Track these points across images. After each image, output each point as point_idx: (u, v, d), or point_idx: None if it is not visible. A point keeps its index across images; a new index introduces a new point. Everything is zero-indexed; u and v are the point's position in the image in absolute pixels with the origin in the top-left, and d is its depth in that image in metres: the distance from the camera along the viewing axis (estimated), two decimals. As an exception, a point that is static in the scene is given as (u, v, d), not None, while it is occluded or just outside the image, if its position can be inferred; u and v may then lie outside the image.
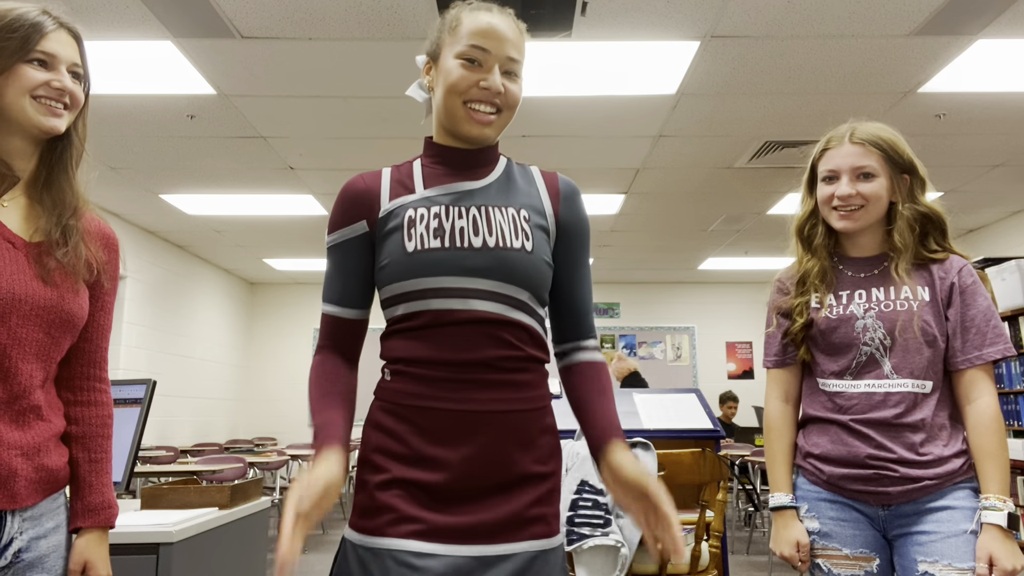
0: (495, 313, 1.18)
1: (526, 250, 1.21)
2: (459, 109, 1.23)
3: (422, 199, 1.24)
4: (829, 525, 1.55)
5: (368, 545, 1.14)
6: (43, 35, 1.22)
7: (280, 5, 3.35)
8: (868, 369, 1.54)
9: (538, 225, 1.26)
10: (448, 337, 1.17)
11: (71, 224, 1.26)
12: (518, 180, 1.31)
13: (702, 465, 2.27)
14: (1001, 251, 6.69)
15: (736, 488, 6.43)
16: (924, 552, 1.45)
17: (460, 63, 1.22)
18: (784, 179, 5.77)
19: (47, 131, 1.23)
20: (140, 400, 2.10)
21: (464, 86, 1.21)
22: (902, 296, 1.55)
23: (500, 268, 1.19)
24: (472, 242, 1.20)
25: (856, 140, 1.57)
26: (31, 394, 1.21)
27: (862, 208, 1.56)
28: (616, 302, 9.91)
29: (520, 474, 1.18)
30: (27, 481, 1.19)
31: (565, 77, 4.05)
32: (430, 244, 1.19)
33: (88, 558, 1.27)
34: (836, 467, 1.54)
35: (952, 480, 1.48)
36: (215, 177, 5.66)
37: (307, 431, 9.45)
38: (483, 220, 1.22)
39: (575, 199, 1.32)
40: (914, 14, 3.45)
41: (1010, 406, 5.82)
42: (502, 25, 1.23)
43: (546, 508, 1.20)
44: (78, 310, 1.26)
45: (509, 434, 1.18)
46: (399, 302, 1.20)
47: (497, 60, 1.23)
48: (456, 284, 1.18)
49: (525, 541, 1.16)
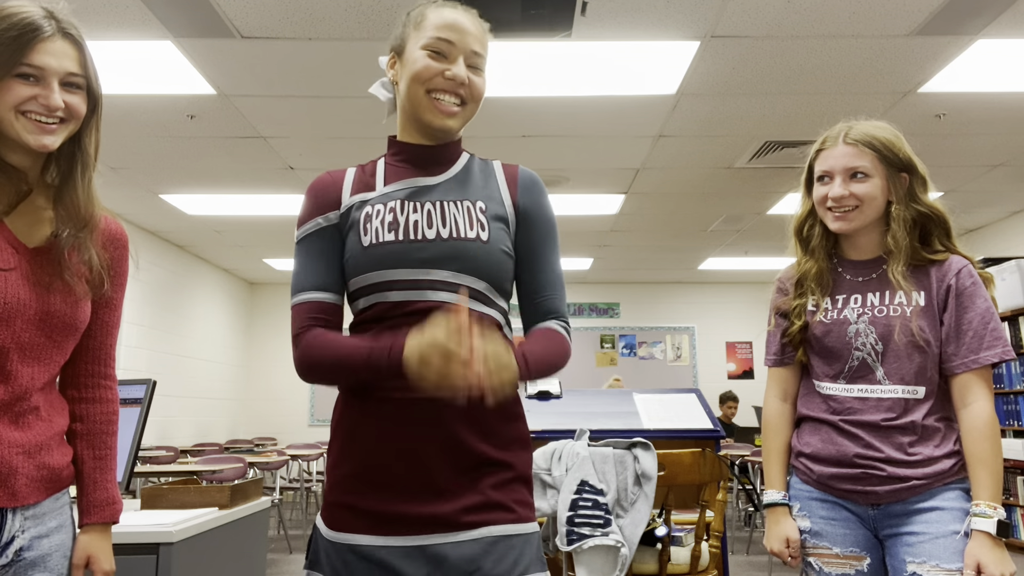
0: (451, 303, 1.19)
1: (481, 240, 1.23)
2: (423, 99, 1.24)
3: (380, 195, 1.26)
4: (820, 524, 1.56)
5: (330, 539, 1.18)
6: (33, 46, 1.15)
7: (280, 5, 3.35)
8: (861, 374, 1.55)
9: (495, 215, 1.27)
10: (407, 328, 1.16)
11: (82, 236, 1.24)
12: (476, 174, 1.32)
13: (702, 465, 2.27)
14: (1001, 251, 6.69)
15: (736, 488, 6.43)
16: (913, 553, 1.45)
17: (426, 54, 1.24)
18: (784, 179, 5.77)
19: (36, 149, 1.19)
20: (140, 400, 2.11)
21: (428, 75, 1.23)
22: (896, 301, 1.54)
23: (454, 258, 1.21)
24: (426, 234, 1.22)
25: (850, 140, 1.56)
26: (32, 396, 1.21)
27: (856, 209, 1.55)
28: (616, 302, 9.91)
29: (478, 460, 1.19)
30: (28, 479, 1.19)
31: (565, 77, 4.05)
32: (384, 237, 1.21)
33: (92, 552, 1.28)
34: (825, 466, 1.55)
35: (942, 480, 1.47)
36: (215, 177, 5.66)
37: (307, 431, 9.45)
38: (437, 213, 1.24)
39: (534, 188, 1.33)
40: (914, 14, 3.45)
41: (1010, 406, 5.82)
42: (466, 20, 1.26)
43: (508, 495, 1.20)
44: (80, 316, 1.26)
45: (467, 422, 1.18)
46: (360, 296, 1.23)
47: (462, 52, 1.25)
48: (412, 276, 1.20)
49: (484, 527, 1.16)
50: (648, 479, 2.23)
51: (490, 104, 4.39)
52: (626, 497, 2.24)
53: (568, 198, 6.23)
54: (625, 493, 2.24)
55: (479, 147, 5.08)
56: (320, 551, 1.21)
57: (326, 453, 1.26)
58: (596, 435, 2.46)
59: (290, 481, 6.59)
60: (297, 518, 7.29)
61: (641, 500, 2.24)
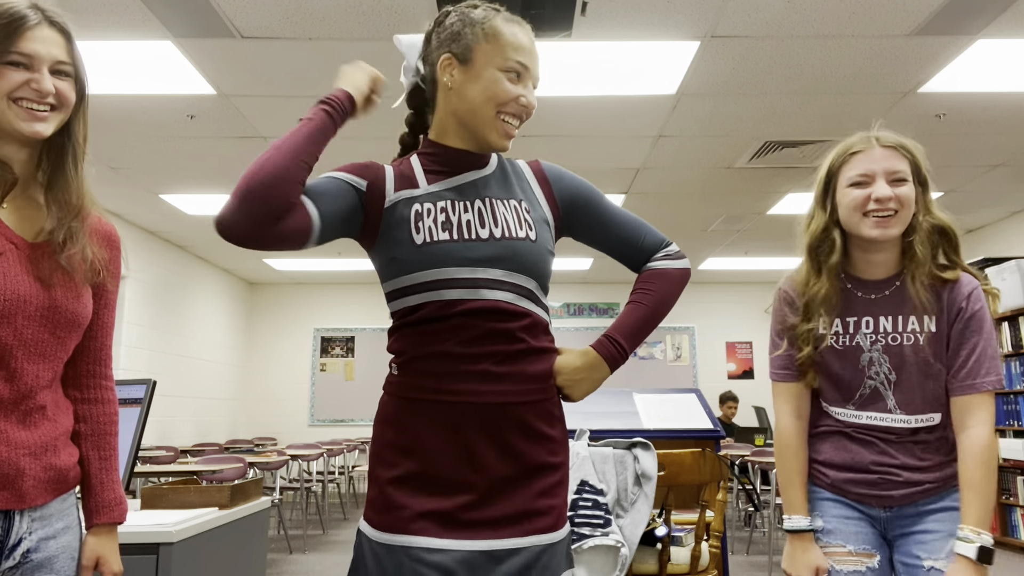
0: (505, 302, 1.21)
1: (531, 239, 1.26)
2: (492, 118, 1.26)
3: (427, 194, 1.26)
4: (833, 522, 1.56)
5: (382, 541, 1.16)
6: (21, 34, 1.16)
7: (280, 5, 3.35)
8: (871, 401, 1.53)
9: (539, 216, 1.30)
10: (457, 328, 1.19)
11: (75, 226, 1.24)
12: (511, 174, 1.34)
13: (702, 465, 2.27)
14: (1001, 251, 6.69)
15: (736, 488, 6.43)
16: (928, 550, 1.46)
17: (505, 76, 1.25)
18: (784, 179, 5.77)
19: (29, 136, 1.19)
20: (140, 400, 2.10)
21: (506, 99, 1.25)
22: (909, 328, 1.51)
23: (508, 257, 1.23)
24: (479, 233, 1.23)
25: (887, 144, 1.52)
26: (37, 394, 1.20)
27: (897, 214, 1.48)
28: (616, 302, 9.91)
29: (528, 466, 1.20)
30: (35, 480, 1.18)
31: (565, 77, 4.05)
32: (439, 236, 1.21)
33: (101, 553, 1.28)
34: (840, 471, 1.55)
35: (951, 483, 1.50)
36: (215, 177, 5.66)
37: (307, 431, 9.45)
38: (488, 212, 1.26)
39: (563, 175, 1.37)
40: (914, 14, 3.45)
41: (1010, 406, 5.82)
42: (533, 42, 1.30)
43: (553, 500, 1.22)
44: (82, 310, 1.26)
45: (517, 426, 1.20)
46: (409, 293, 1.22)
47: (532, 78, 1.29)
48: (465, 274, 1.20)
49: (533, 535, 1.18)
50: (648, 479, 2.23)
51: (490, 104, 4.39)
52: (626, 497, 2.24)
53: (568, 198, 6.23)
54: (625, 493, 2.24)
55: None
56: (366, 555, 1.18)
57: (370, 456, 1.26)
58: (596, 435, 2.46)
59: (290, 481, 6.58)
60: (297, 518, 7.29)
61: (641, 500, 2.23)
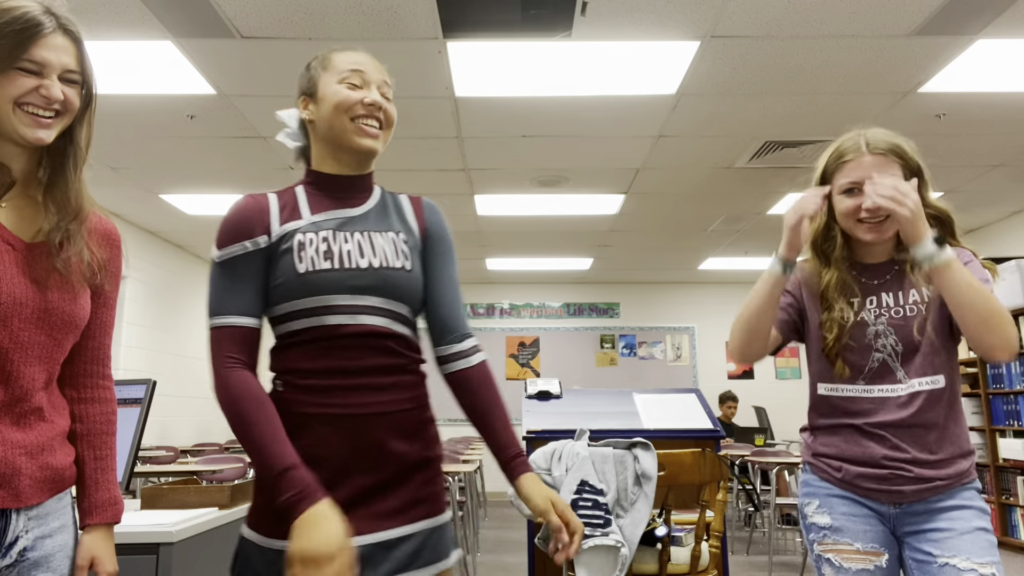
0: (381, 327, 1.31)
1: (406, 269, 1.35)
2: (348, 125, 1.35)
3: (310, 224, 1.34)
4: (841, 520, 1.57)
5: (275, 547, 1.22)
6: (35, 42, 1.17)
7: (280, 5, 3.35)
8: (881, 374, 1.56)
9: (414, 244, 1.40)
10: (341, 349, 1.28)
11: (72, 228, 1.24)
12: (391, 207, 1.43)
13: (702, 465, 2.27)
14: (1001, 251, 6.70)
15: (736, 488, 6.43)
16: (941, 547, 1.48)
17: (344, 86, 1.36)
18: (784, 179, 5.77)
19: (31, 142, 1.19)
20: (140, 400, 2.10)
21: (350, 103, 1.34)
22: (911, 300, 1.56)
23: (384, 287, 1.32)
24: (359, 263, 1.31)
25: (876, 150, 1.56)
26: (33, 396, 1.20)
27: (888, 218, 1.54)
28: (616, 302, 9.91)
29: (411, 463, 1.31)
30: (31, 479, 1.19)
31: (565, 77, 4.05)
32: (320, 265, 1.29)
33: (96, 554, 1.28)
34: (851, 466, 1.56)
35: (960, 481, 1.52)
36: (215, 177, 5.66)
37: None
38: (367, 244, 1.34)
39: (436, 213, 1.48)
40: (914, 14, 3.45)
41: (1010, 406, 5.82)
42: (369, 58, 1.41)
43: (434, 488, 1.34)
44: (80, 311, 1.26)
45: (399, 430, 1.30)
46: (294, 319, 1.30)
47: (374, 82, 1.38)
48: (346, 301, 1.29)
49: (420, 521, 1.29)
50: (648, 479, 2.23)
51: (490, 104, 4.39)
52: (626, 497, 2.25)
53: (568, 198, 6.24)
54: (625, 493, 2.25)
55: (479, 147, 5.10)
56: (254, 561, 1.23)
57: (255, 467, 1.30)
58: (596, 435, 2.47)
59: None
60: (297, 518, 7.28)
61: (641, 500, 2.24)
